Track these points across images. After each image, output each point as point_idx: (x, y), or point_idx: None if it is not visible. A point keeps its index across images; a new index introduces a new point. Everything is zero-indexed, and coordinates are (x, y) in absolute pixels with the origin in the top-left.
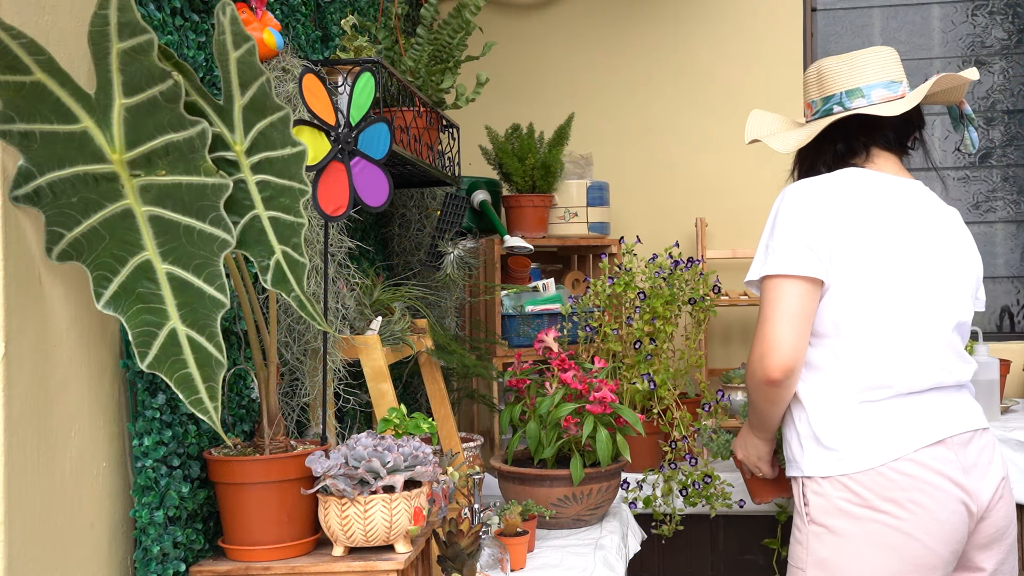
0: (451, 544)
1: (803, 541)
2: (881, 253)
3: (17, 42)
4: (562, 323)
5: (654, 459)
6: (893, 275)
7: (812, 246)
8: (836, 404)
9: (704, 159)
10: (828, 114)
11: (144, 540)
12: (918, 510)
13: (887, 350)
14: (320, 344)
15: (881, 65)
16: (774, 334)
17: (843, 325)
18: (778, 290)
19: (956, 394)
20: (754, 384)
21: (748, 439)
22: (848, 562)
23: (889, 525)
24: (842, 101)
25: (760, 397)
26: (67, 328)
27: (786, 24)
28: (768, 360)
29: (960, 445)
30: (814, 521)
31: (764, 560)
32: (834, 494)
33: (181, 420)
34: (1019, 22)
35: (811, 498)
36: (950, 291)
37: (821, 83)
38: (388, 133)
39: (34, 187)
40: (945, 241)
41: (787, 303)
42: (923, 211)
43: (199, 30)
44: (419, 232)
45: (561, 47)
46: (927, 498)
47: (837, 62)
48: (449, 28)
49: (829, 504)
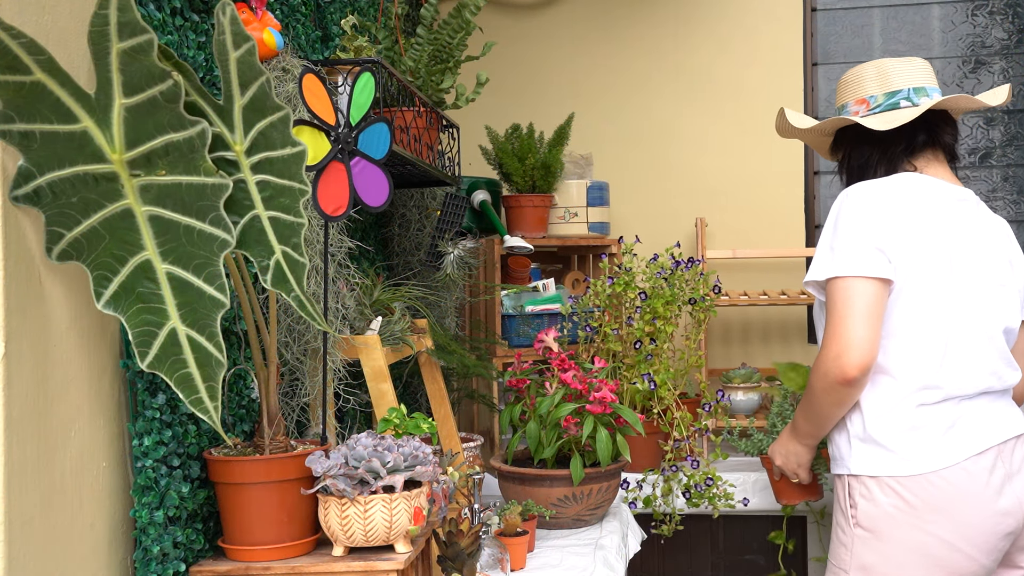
0: (451, 544)
1: (848, 544)
2: (938, 258)
3: (17, 42)
4: (562, 323)
5: (654, 459)
6: (949, 280)
7: (881, 247)
8: (891, 404)
9: (704, 159)
10: (893, 108)
11: (144, 540)
12: (964, 522)
13: (943, 353)
14: (320, 344)
15: (931, 73)
16: (851, 332)
17: (901, 327)
18: (850, 289)
19: (1002, 399)
20: (826, 385)
21: (791, 446)
22: (892, 570)
23: (935, 535)
24: (910, 97)
25: (829, 399)
26: (67, 328)
27: (786, 24)
28: (845, 359)
29: (1009, 450)
30: (860, 525)
31: (764, 560)
32: (883, 499)
33: (181, 420)
34: (1019, 22)
35: (859, 502)
36: (1000, 298)
37: (883, 79)
38: (388, 133)
39: (34, 187)
40: (996, 249)
41: (861, 301)
42: (976, 219)
43: (199, 30)
44: (419, 232)
45: (561, 47)
46: (973, 510)
47: (895, 62)
48: (449, 28)
49: (878, 510)
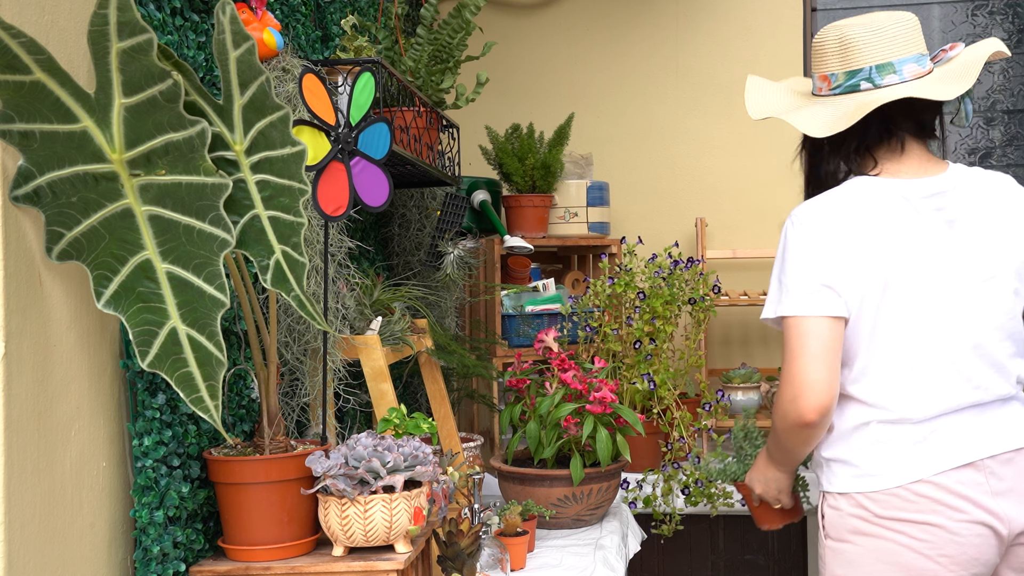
0: (451, 544)
1: (822, 556)
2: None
3: (17, 41)
4: (562, 323)
5: (654, 459)
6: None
7: (829, 283)
8: (857, 425)
9: (704, 159)
10: (853, 90)
11: (144, 540)
12: (935, 532)
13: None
14: (320, 344)
15: (908, 36)
16: (804, 374)
17: (862, 353)
18: (800, 328)
19: (999, 410)
20: (786, 426)
21: (769, 473)
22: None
23: (903, 544)
24: (871, 77)
25: (791, 439)
26: (67, 328)
27: (786, 24)
28: (802, 402)
29: (1000, 464)
30: (829, 536)
31: (764, 560)
32: (848, 510)
33: (181, 420)
34: (1019, 22)
35: (827, 512)
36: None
37: (844, 53)
38: (388, 133)
39: (34, 187)
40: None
41: (815, 341)
42: (955, 212)
43: (199, 30)
44: (419, 232)
45: (561, 47)
46: (945, 520)
47: (861, 30)
48: (449, 28)
49: (842, 520)
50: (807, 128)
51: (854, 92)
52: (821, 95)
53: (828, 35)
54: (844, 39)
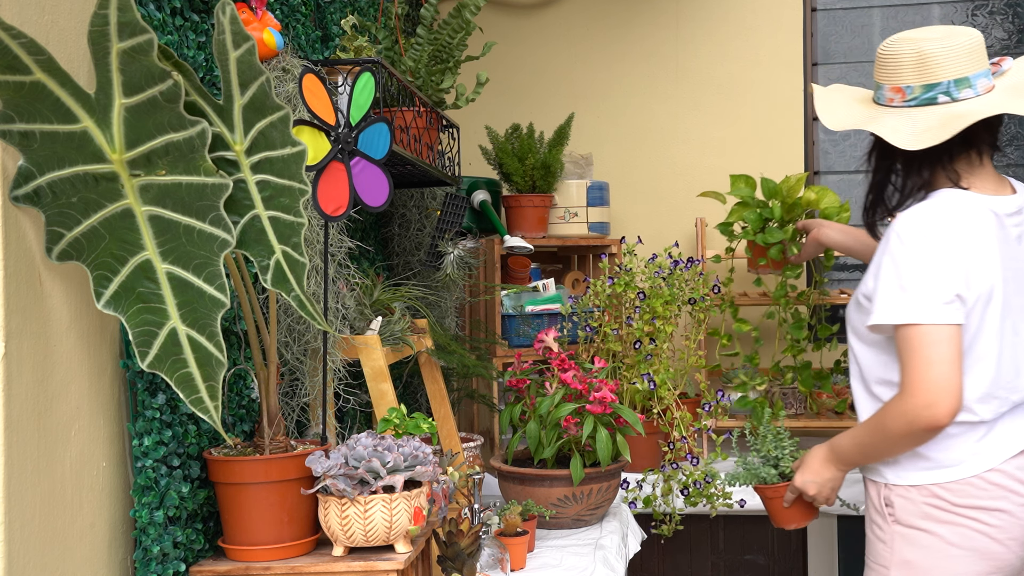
0: (451, 544)
1: (888, 540)
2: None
3: (17, 42)
4: (562, 323)
5: (654, 459)
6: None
7: (959, 292)
8: None
9: (704, 159)
10: (930, 103)
11: (144, 540)
12: (1003, 517)
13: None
14: (320, 344)
15: (981, 52)
16: (943, 380)
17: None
18: (934, 336)
19: None
20: (911, 431)
21: (828, 474)
22: (934, 563)
23: (975, 529)
24: (949, 91)
25: (908, 443)
26: (67, 328)
27: (786, 24)
28: (939, 408)
29: None
30: (899, 522)
31: (764, 560)
32: (920, 499)
33: (181, 420)
34: (1019, 22)
35: (896, 501)
36: None
37: (922, 67)
38: (388, 133)
39: (34, 187)
40: None
41: (948, 348)
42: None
43: (199, 30)
44: (419, 232)
45: (561, 47)
46: (1010, 505)
47: (939, 44)
48: (449, 28)
49: (915, 507)
50: (900, 141)
51: (931, 105)
52: (892, 106)
53: (902, 48)
54: (922, 53)
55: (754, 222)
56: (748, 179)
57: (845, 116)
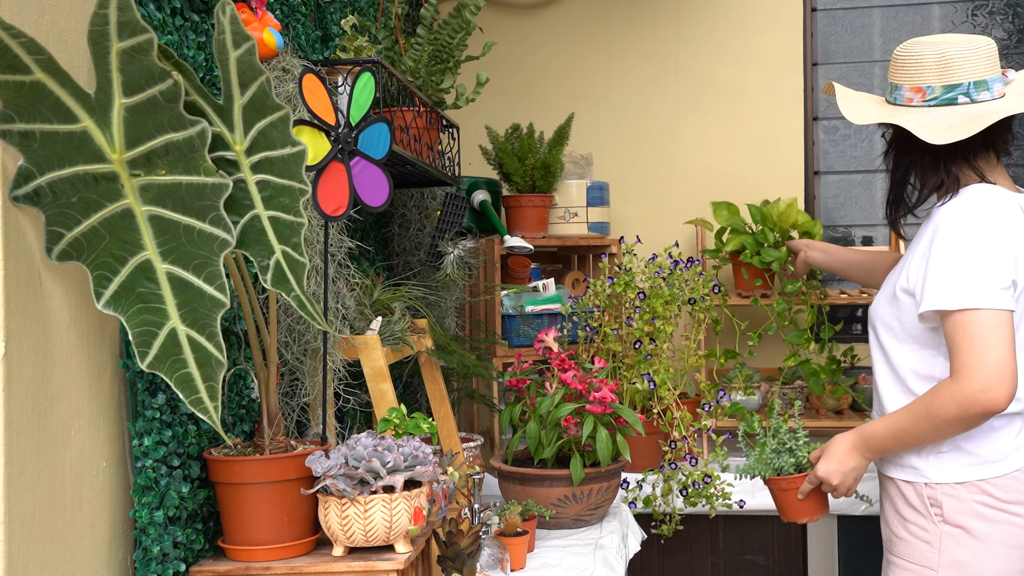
0: (451, 544)
1: (934, 542)
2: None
3: (17, 42)
4: (562, 323)
5: (654, 459)
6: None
7: (1015, 279)
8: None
9: (704, 159)
10: (950, 103)
11: (144, 540)
12: None
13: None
14: (320, 344)
15: (995, 58)
16: (1001, 364)
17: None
18: (991, 321)
19: None
20: (965, 416)
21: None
22: (985, 563)
23: (1021, 526)
24: (969, 92)
25: (960, 427)
26: (67, 328)
27: (786, 24)
28: (998, 391)
29: None
30: (948, 522)
31: (764, 560)
32: (969, 497)
33: (181, 420)
34: (1019, 22)
35: (944, 500)
36: None
37: (944, 68)
38: (388, 133)
39: (34, 187)
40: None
41: (1005, 333)
42: None
43: (199, 30)
44: (419, 232)
45: (561, 47)
46: None
47: (960, 48)
48: (449, 28)
49: (965, 506)
50: (926, 135)
51: (951, 105)
52: (911, 106)
53: (924, 50)
54: (944, 55)
55: (752, 245)
56: (730, 206)
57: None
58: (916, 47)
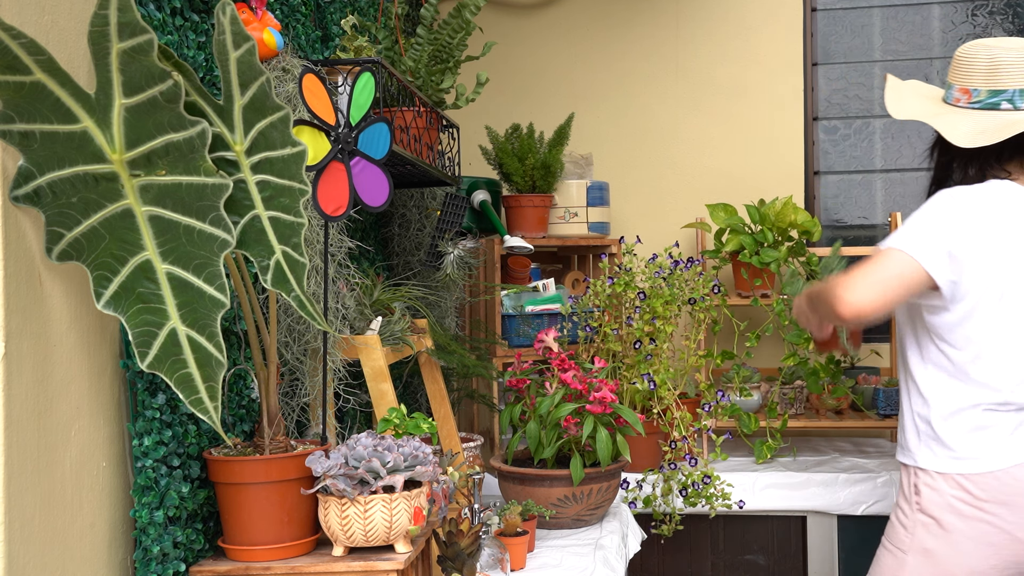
0: (451, 544)
1: (909, 527)
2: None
3: (17, 42)
4: (562, 323)
5: (654, 459)
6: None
7: (954, 254)
8: (959, 408)
9: (704, 159)
10: (993, 108)
11: (144, 540)
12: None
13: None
14: (320, 344)
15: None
16: (855, 285)
17: (975, 340)
18: (893, 258)
19: None
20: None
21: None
22: (952, 556)
23: (995, 525)
24: (1013, 99)
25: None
26: (67, 328)
27: (786, 24)
28: (841, 303)
29: None
30: (924, 511)
31: (764, 560)
32: (948, 491)
33: (181, 420)
34: (1019, 22)
35: (923, 490)
36: None
37: (992, 73)
38: (388, 133)
39: (34, 187)
40: None
41: (894, 271)
42: None
43: (199, 30)
44: (419, 232)
45: (561, 47)
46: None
47: (1013, 54)
48: (449, 28)
49: (942, 499)
50: (956, 138)
51: (993, 110)
52: (957, 106)
53: (978, 53)
54: (995, 60)
55: (751, 245)
56: (727, 206)
57: (910, 108)
58: (972, 49)
